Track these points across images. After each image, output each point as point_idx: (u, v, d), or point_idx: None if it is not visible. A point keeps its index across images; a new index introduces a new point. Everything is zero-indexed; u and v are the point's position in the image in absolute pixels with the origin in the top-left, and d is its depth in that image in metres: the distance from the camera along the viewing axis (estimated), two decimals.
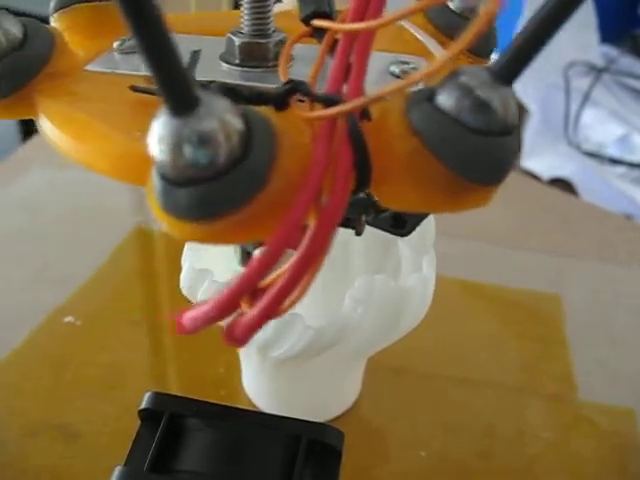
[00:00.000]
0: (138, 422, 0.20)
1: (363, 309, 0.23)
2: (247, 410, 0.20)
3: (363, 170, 0.13)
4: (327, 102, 0.13)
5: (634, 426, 0.31)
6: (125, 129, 0.15)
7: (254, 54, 0.18)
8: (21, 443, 0.29)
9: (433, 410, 0.32)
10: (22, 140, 0.78)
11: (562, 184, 0.86)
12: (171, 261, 0.40)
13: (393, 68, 0.18)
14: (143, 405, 0.20)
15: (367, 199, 0.20)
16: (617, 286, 0.41)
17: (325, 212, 0.12)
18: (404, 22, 0.20)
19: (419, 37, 0.20)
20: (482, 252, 0.43)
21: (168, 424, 0.19)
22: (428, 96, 0.13)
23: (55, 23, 0.19)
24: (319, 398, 0.30)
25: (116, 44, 0.19)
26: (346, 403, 0.31)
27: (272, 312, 0.12)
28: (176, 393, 0.20)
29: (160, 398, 0.20)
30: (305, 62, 0.18)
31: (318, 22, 0.16)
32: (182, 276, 0.25)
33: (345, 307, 0.23)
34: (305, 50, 0.18)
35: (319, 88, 0.15)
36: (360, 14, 0.13)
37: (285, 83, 0.14)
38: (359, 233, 0.22)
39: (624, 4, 1.01)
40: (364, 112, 0.14)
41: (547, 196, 0.51)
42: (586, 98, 0.92)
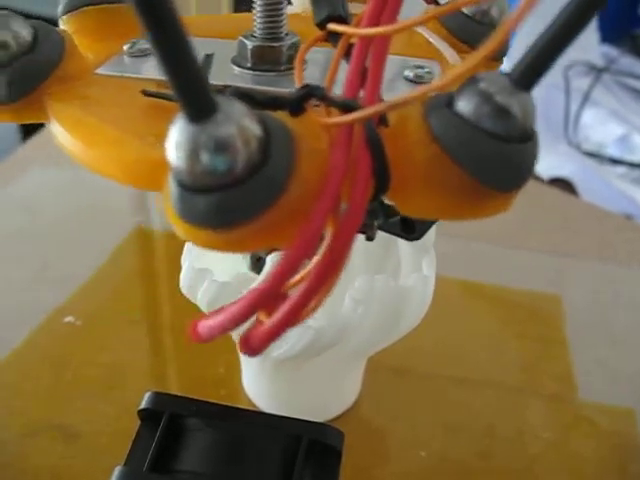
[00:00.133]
0: (138, 422, 0.20)
1: (363, 309, 0.23)
2: (247, 410, 0.20)
3: (381, 177, 0.13)
4: (345, 108, 0.13)
5: (634, 426, 0.31)
6: (137, 134, 0.15)
7: (266, 58, 0.18)
8: (21, 443, 0.29)
9: (433, 410, 0.32)
10: (22, 140, 0.78)
11: (562, 184, 0.86)
12: (171, 261, 0.40)
13: (407, 72, 0.18)
14: (143, 405, 0.20)
15: (378, 204, 0.20)
16: (617, 286, 0.41)
17: (345, 220, 0.12)
18: (414, 18, 0.20)
19: (431, 40, 0.20)
20: (482, 252, 0.43)
21: (168, 424, 0.19)
22: (447, 102, 0.13)
23: (64, 26, 0.19)
24: (319, 398, 0.30)
25: (126, 47, 0.18)
26: (346, 403, 0.31)
27: (290, 322, 0.12)
28: (176, 393, 0.20)
29: (160, 398, 0.20)
30: (318, 66, 0.18)
31: (333, 26, 0.16)
32: (182, 276, 0.25)
33: (345, 307, 0.23)
34: (317, 54, 0.18)
35: (333, 92, 0.15)
36: (375, 18, 0.13)
37: (301, 88, 0.14)
38: (370, 238, 0.22)
39: (624, 4, 1.01)
40: (382, 118, 0.13)
41: (547, 196, 0.50)
42: (586, 98, 0.92)
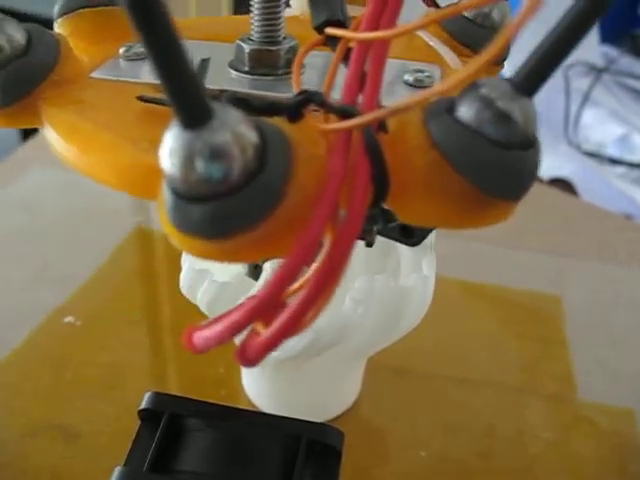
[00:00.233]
0: (138, 422, 0.20)
1: (363, 309, 0.23)
2: (247, 410, 0.20)
3: (380, 184, 0.13)
4: (343, 113, 0.13)
5: (634, 426, 0.31)
6: (132, 139, 0.15)
7: (264, 61, 0.18)
8: (21, 443, 0.29)
9: (433, 410, 0.32)
10: (22, 140, 0.78)
11: (562, 184, 0.86)
12: (171, 261, 0.40)
13: (407, 76, 0.17)
14: (143, 405, 0.20)
15: (378, 209, 0.20)
16: (617, 286, 0.41)
17: (344, 228, 0.11)
18: (414, 22, 0.20)
19: (432, 44, 0.19)
20: (482, 252, 0.43)
21: (168, 424, 0.19)
22: (447, 108, 0.12)
23: (59, 28, 0.19)
24: (319, 398, 0.30)
25: (122, 50, 0.18)
26: (346, 403, 0.31)
27: (289, 332, 0.12)
28: (176, 393, 0.20)
29: (160, 398, 0.20)
30: (316, 70, 0.18)
31: (332, 30, 0.15)
32: (182, 276, 0.25)
33: (345, 307, 0.23)
34: (315, 57, 0.18)
35: (332, 97, 0.14)
36: (374, 22, 0.13)
37: (299, 93, 0.14)
38: (370, 244, 0.21)
39: (624, 4, 1.01)
40: (381, 124, 0.13)
41: (547, 196, 0.50)
42: (586, 98, 0.92)
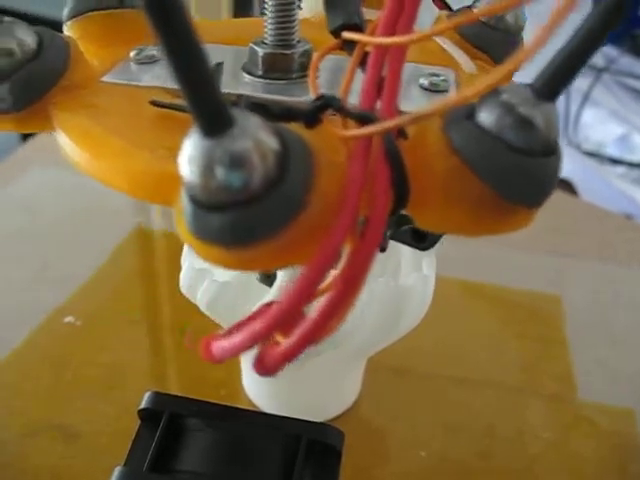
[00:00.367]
0: (138, 422, 0.20)
1: (363, 309, 0.23)
2: (247, 410, 0.20)
3: (401, 190, 0.12)
4: (363, 119, 0.13)
5: (634, 426, 0.31)
6: (146, 146, 0.14)
7: (278, 65, 0.17)
8: (21, 443, 0.29)
9: (433, 410, 0.32)
10: (22, 140, 0.78)
11: (562, 184, 0.86)
12: (171, 261, 0.40)
13: (422, 80, 0.17)
14: (143, 405, 0.20)
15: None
16: (617, 286, 0.41)
17: (366, 235, 0.11)
18: (429, 29, 0.20)
19: (446, 47, 0.19)
20: (482, 252, 0.43)
21: (168, 424, 0.19)
22: (468, 113, 0.12)
23: (69, 32, 0.19)
24: (319, 398, 0.30)
25: (133, 54, 0.18)
26: (346, 403, 0.31)
27: (310, 342, 0.11)
28: (176, 393, 0.20)
29: (160, 398, 0.20)
30: (330, 74, 0.18)
31: (348, 35, 0.15)
32: (182, 276, 0.25)
33: None
34: (329, 61, 0.18)
35: (348, 102, 0.14)
36: (391, 26, 0.13)
37: (316, 98, 0.14)
38: (383, 249, 0.21)
39: None
40: (401, 130, 0.13)
41: None
42: (586, 98, 0.92)
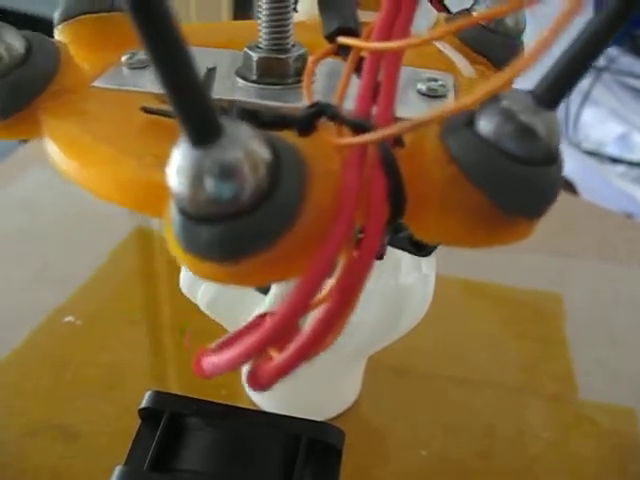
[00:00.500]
0: (138, 422, 0.20)
1: (363, 308, 0.23)
2: (247, 409, 0.20)
3: (397, 199, 0.12)
4: (358, 127, 0.12)
5: (635, 426, 0.31)
6: (135, 153, 0.14)
7: (273, 70, 0.17)
8: (21, 443, 0.29)
9: (433, 410, 0.31)
10: (22, 140, 0.78)
11: (562, 183, 0.86)
12: (171, 261, 0.40)
13: (420, 85, 0.17)
14: (143, 404, 0.20)
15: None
16: (617, 285, 0.41)
17: (362, 246, 0.11)
18: (427, 33, 0.20)
19: (444, 51, 0.19)
20: (482, 251, 0.43)
21: (168, 423, 0.19)
22: (466, 121, 0.12)
23: (60, 35, 0.18)
24: (319, 397, 0.30)
25: (124, 58, 0.18)
26: (346, 402, 0.31)
27: (306, 357, 0.11)
28: (176, 392, 0.20)
29: (160, 397, 0.20)
30: (326, 78, 0.18)
31: (344, 39, 0.15)
32: (182, 276, 0.25)
33: None
34: (324, 65, 0.17)
35: (344, 107, 0.14)
36: (387, 30, 0.12)
37: (310, 105, 0.13)
38: (380, 256, 0.21)
39: None
40: (397, 138, 0.13)
41: None
42: (586, 97, 0.92)
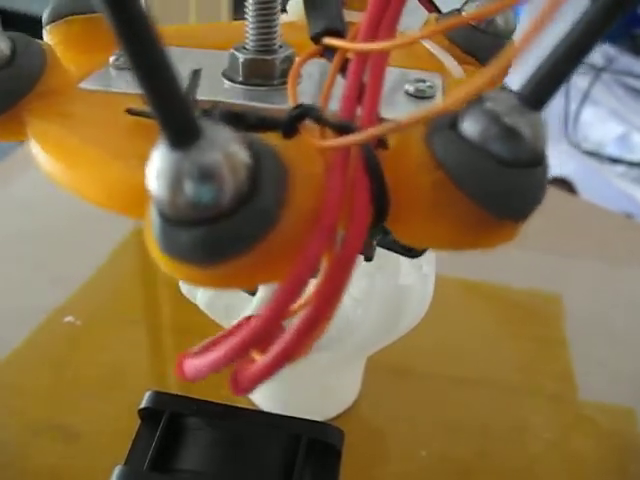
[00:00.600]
0: (138, 422, 0.20)
1: (363, 308, 0.23)
2: (247, 409, 0.20)
3: (380, 203, 0.12)
4: (341, 129, 0.12)
5: (634, 426, 0.31)
6: (121, 155, 0.14)
7: (259, 71, 0.17)
8: (21, 443, 0.29)
9: (433, 410, 0.31)
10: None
11: (562, 183, 0.86)
12: None
13: (407, 86, 0.17)
14: (143, 404, 0.20)
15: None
16: (617, 285, 0.41)
17: (343, 250, 0.11)
18: (412, 33, 0.20)
19: (433, 51, 0.19)
20: (482, 251, 0.43)
21: (168, 423, 0.19)
22: (451, 123, 0.12)
23: (48, 36, 0.18)
24: (319, 397, 0.30)
25: (112, 59, 0.17)
26: (346, 402, 0.31)
27: (285, 361, 0.11)
28: (176, 392, 0.20)
29: (160, 397, 0.20)
30: (312, 80, 0.17)
31: (329, 41, 0.15)
32: None
33: (345, 306, 0.23)
34: (312, 66, 0.17)
35: (329, 109, 0.14)
36: (373, 31, 0.12)
37: (294, 108, 0.13)
38: (369, 258, 0.21)
39: None
40: (381, 140, 0.13)
41: (547, 195, 0.50)
42: (585, 97, 0.92)
